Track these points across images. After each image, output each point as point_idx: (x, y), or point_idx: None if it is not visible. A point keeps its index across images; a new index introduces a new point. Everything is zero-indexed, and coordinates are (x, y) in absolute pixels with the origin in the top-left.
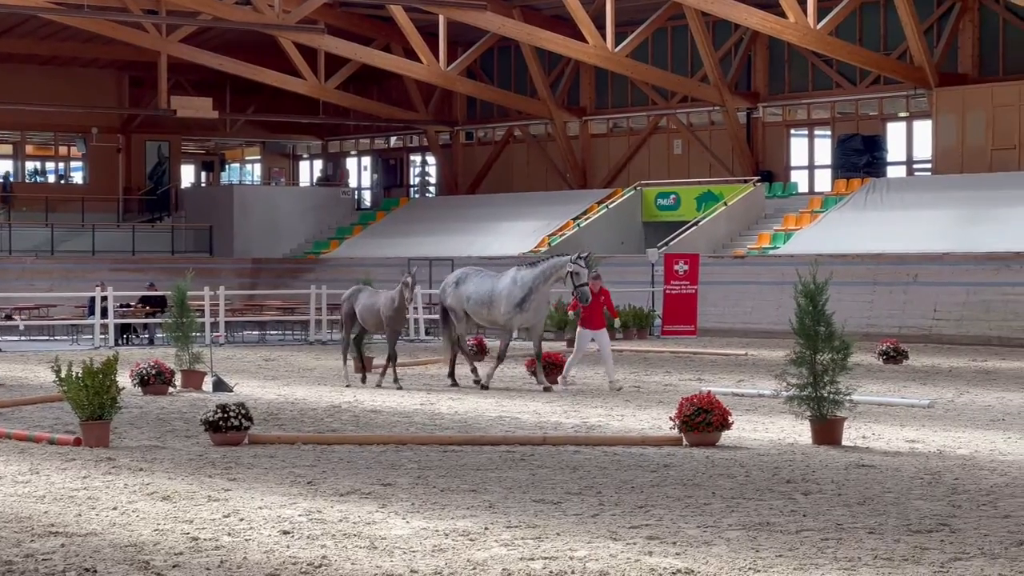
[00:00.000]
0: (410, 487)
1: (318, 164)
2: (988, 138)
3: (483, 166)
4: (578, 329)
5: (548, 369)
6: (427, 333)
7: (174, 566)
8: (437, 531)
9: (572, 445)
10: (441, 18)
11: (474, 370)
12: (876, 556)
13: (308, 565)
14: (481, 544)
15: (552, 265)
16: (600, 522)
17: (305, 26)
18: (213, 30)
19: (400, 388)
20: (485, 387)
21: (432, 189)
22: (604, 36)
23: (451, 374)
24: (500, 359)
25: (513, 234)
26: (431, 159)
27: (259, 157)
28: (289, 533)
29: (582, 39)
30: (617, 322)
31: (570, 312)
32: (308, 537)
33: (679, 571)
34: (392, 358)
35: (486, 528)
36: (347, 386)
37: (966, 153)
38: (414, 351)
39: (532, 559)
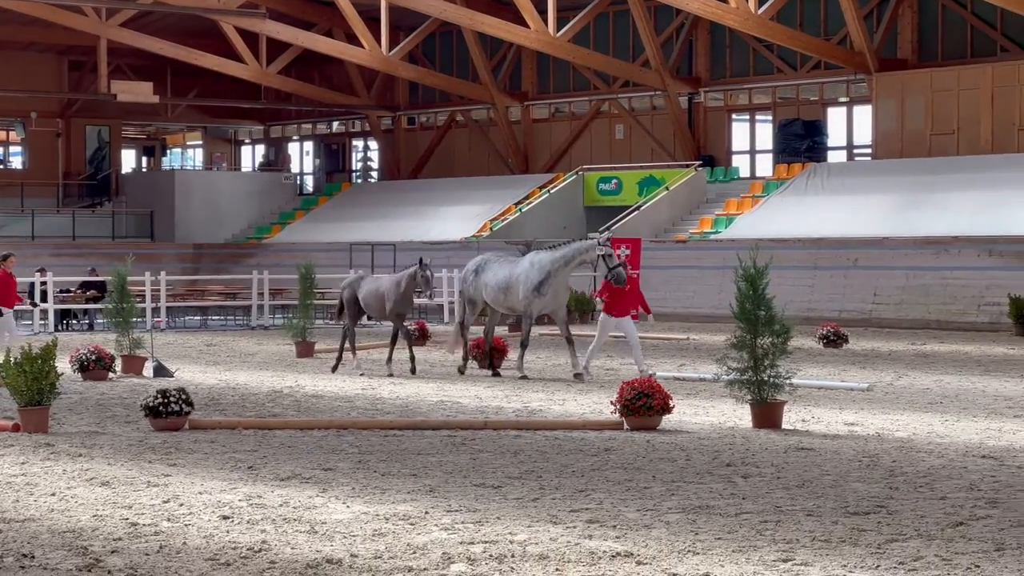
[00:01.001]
0: (351, 472)
1: (260, 149)
2: (927, 123)
3: (425, 151)
4: (601, 315)
5: (494, 354)
6: (368, 319)
7: (113, 552)
8: (377, 515)
9: (513, 430)
10: (383, 3)
11: (466, 359)
12: (814, 538)
13: (248, 550)
14: (421, 528)
15: (576, 249)
16: (540, 506)
17: (246, 11)
18: (153, 14)
19: (391, 375)
20: (524, 376)
21: (374, 174)
22: (546, 21)
23: (465, 358)
24: (524, 346)
25: (455, 219)
26: (373, 144)
27: (200, 142)
28: (229, 518)
29: (524, 24)
30: (650, 318)
31: (596, 299)
32: (248, 522)
33: (619, 554)
34: (409, 336)
35: (426, 512)
36: (361, 374)
37: (905, 138)
38: (357, 336)
39: (472, 543)
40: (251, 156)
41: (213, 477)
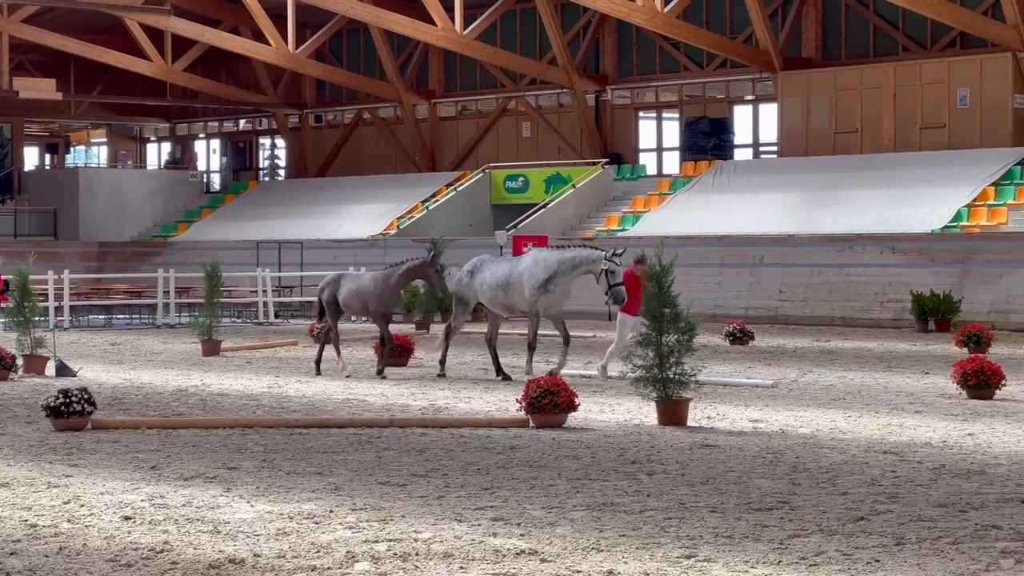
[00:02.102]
0: (255, 470)
1: (166, 147)
2: (831, 121)
3: (332, 149)
4: (619, 315)
5: (397, 352)
6: (276, 316)
7: (11, 553)
8: (282, 514)
9: (419, 427)
10: (290, 0)
11: (442, 361)
12: (717, 534)
13: (149, 551)
14: (326, 527)
15: (583, 257)
16: (446, 504)
17: (151, 7)
18: (56, 10)
19: (383, 378)
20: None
21: (281, 172)
22: (453, 19)
23: (442, 361)
24: (531, 348)
25: (363, 217)
26: (280, 142)
27: (105, 139)
28: (131, 519)
29: (431, 22)
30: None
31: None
32: (150, 522)
33: (523, 552)
34: (386, 342)
35: (331, 511)
36: (348, 376)
37: (810, 136)
38: (263, 334)
39: (377, 541)
40: (157, 154)
41: (115, 477)
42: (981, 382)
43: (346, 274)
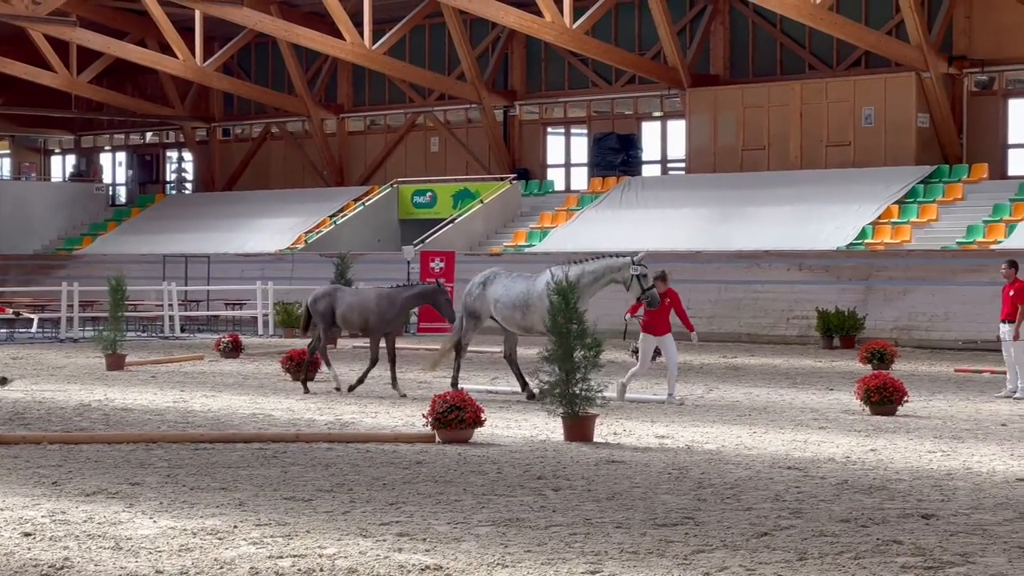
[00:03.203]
0: (159, 486)
1: (71, 159)
2: (739, 138)
3: (240, 163)
4: (640, 336)
5: (303, 367)
6: (182, 330)
7: None
8: (185, 530)
9: (325, 442)
10: (197, 13)
11: (455, 382)
12: (622, 550)
13: (50, 567)
14: (229, 543)
15: (607, 266)
16: (351, 519)
17: (56, 18)
18: None
19: (403, 396)
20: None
21: (188, 185)
22: (362, 33)
23: (454, 383)
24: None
25: (270, 231)
26: (187, 155)
27: (8, 151)
28: (31, 535)
29: (339, 36)
30: (695, 336)
31: (628, 316)
32: (51, 539)
33: (428, 567)
34: (375, 361)
35: (235, 526)
36: (337, 389)
37: (718, 153)
38: (169, 348)
39: (281, 557)
40: (61, 166)
41: (15, 493)
42: (884, 398)
43: (342, 288)
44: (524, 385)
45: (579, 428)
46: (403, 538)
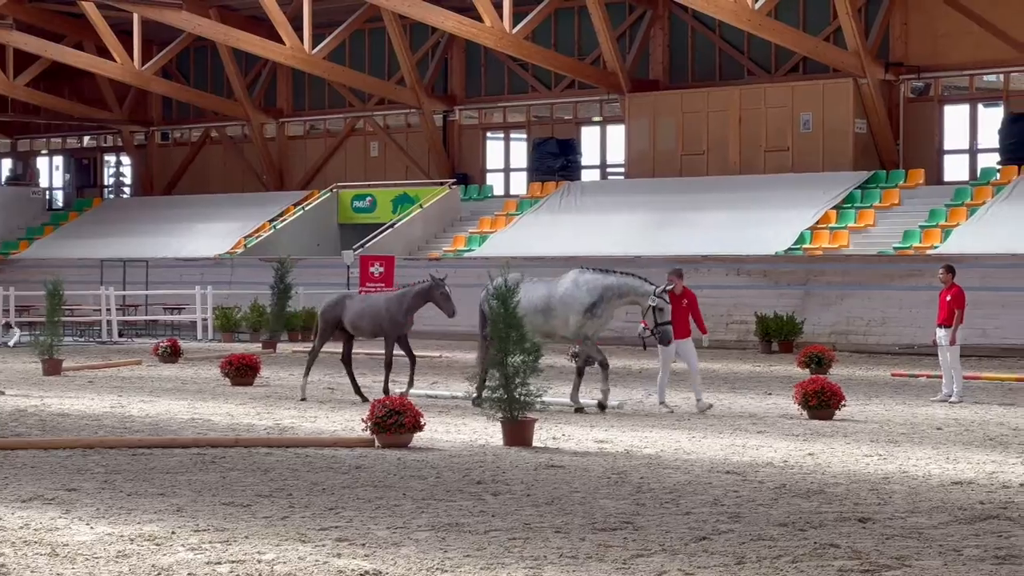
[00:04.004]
0: (96, 492)
1: (7, 163)
2: (678, 143)
3: (179, 167)
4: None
5: (242, 371)
6: (120, 335)
7: None
8: (122, 536)
9: (264, 447)
10: (135, 16)
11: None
12: (561, 555)
13: None
14: (167, 549)
15: (631, 287)
16: (290, 524)
17: None
18: None
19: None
20: (602, 406)
21: (127, 190)
22: (301, 38)
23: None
24: (604, 365)
25: (209, 235)
26: (126, 159)
27: None
28: None
29: (279, 40)
30: (706, 339)
31: (643, 326)
32: None
33: (367, 572)
34: (389, 365)
35: (173, 532)
36: (303, 399)
37: (657, 158)
38: (107, 353)
39: (219, 563)
40: None
41: None
42: (822, 402)
43: (351, 294)
44: (478, 390)
45: (518, 433)
46: (342, 543)
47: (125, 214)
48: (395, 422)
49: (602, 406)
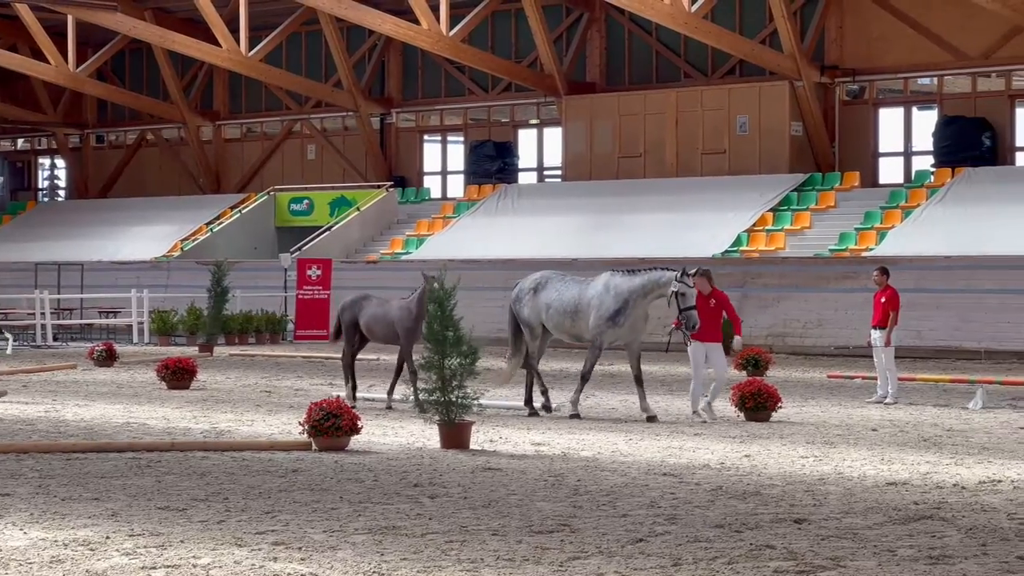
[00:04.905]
0: (29, 497)
1: None
2: (615, 146)
3: (115, 169)
4: (690, 345)
5: (179, 375)
6: (55, 339)
7: None
8: (56, 541)
9: (200, 451)
10: (70, 18)
11: (544, 392)
12: (498, 557)
13: None
14: (101, 554)
15: (653, 280)
16: (226, 528)
17: None
18: None
19: (389, 408)
20: (576, 415)
21: (61, 193)
22: (238, 40)
23: (528, 401)
24: (584, 379)
25: (145, 238)
26: (60, 162)
27: None
28: None
29: (215, 43)
30: (738, 340)
31: (672, 327)
32: None
33: None
34: (413, 372)
35: (107, 537)
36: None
37: (594, 160)
38: (41, 357)
39: (154, 567)
40: None
41: None
42: (758, 404)
43: (367, 296)
44: (544, 392)
45: (455, 435)
46: (278, 547)
47: (60, 217)
48: (332, 425)
49: (547, 408)
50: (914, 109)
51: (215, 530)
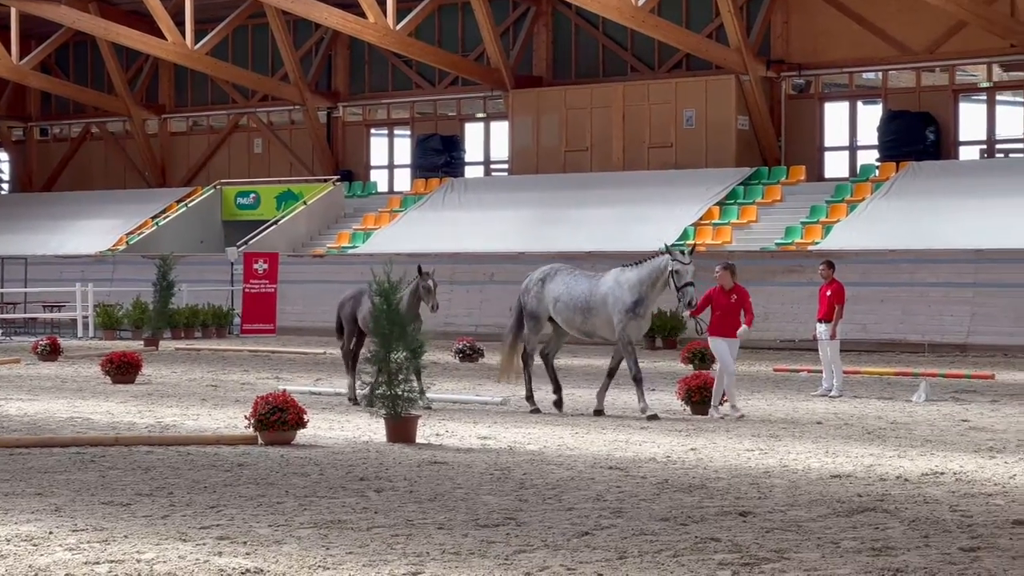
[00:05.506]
0: None
1: None
2: (562, 140)
3: (59, 163)
4: (710, 341)
5: (124, 369)
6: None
7: None
8: None
9: (145, 445)
10: (13, 11)
11: (529, 397)
12: (444, 551)
13: None
14: (44, 549)
15: (656, 269)
16: (170, 523)
17: None
18: None
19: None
20: (655, 416)
21: (4, 186)
22: (183, 33)
23: (529, 396)
24: (638, 381)
25: (90, 232)
26: (3, 155)
27: None
28: None
29: (161, 35)
30: (744, 329)
31: (687, 315)
32: None
33: (248, 571)
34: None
35: (51, 532)
36: (351, 400)
37: (541, 154)
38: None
39: (98, 563)
40: None
41: None
42: (705, 398)
43: (365, 290)
44: (558, 389)
45: (401, 429)
46: (223, 541)
47: (3, 211)
48: (278, 419)
49: (504, 403)
50: (859, 103)
51: (159, 525)
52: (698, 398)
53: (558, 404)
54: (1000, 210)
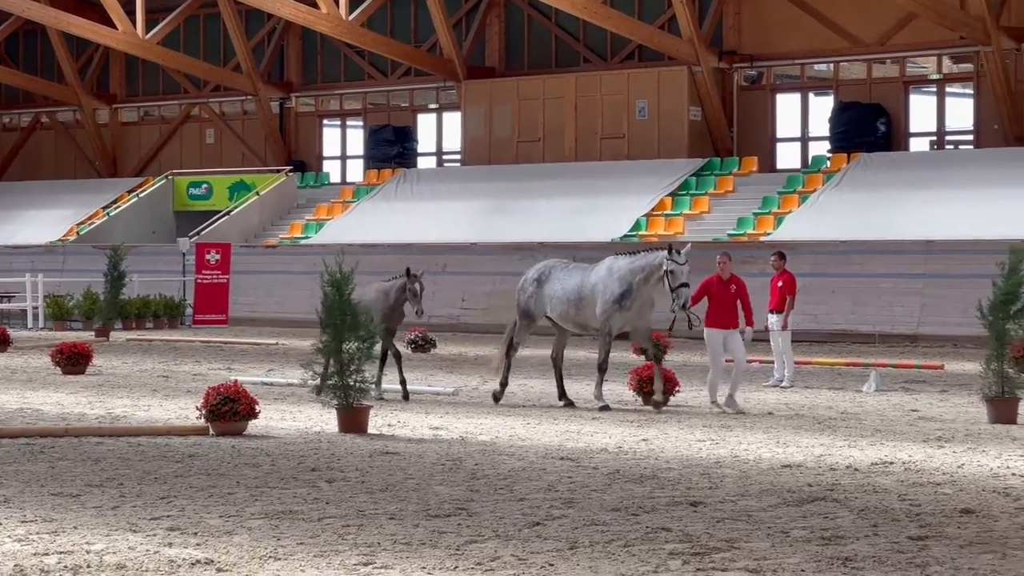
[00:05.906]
0: None
1: None
2: (514, 130)
3: (9, 152)
4: (705, 332)
5: (74, 360)
6: None
7: None
8: None
9: (95, 436)
10: None
11: (503, 386)
12: (395, 541)
13: None
14: None
15: (649, 263)
16: (120, 514)
17: None
18: None
19: (381, 399)
20: (606, 407)
21: None
22: (134, 22)
23: (503, 384)
24: (602, 370)
25: (40, 223)
26: None
27: None
28: None
29: (111, 24)
30: (749, 331)
31: (682, 309)
32: None
33: (198, 562)
34: (397, 355)
35: None
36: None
37: (493, 145)
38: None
39: (47, 554)
40: None
41: None
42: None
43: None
44: (562, 394)
45: (353, 420)
46: (174, 532)
47: None
48: (230, 409)
49: (454, 393)
50: (811, 95)
51: (109, 516)
52: (649, 389)
53: (569, 404)
54: (949, 202)
